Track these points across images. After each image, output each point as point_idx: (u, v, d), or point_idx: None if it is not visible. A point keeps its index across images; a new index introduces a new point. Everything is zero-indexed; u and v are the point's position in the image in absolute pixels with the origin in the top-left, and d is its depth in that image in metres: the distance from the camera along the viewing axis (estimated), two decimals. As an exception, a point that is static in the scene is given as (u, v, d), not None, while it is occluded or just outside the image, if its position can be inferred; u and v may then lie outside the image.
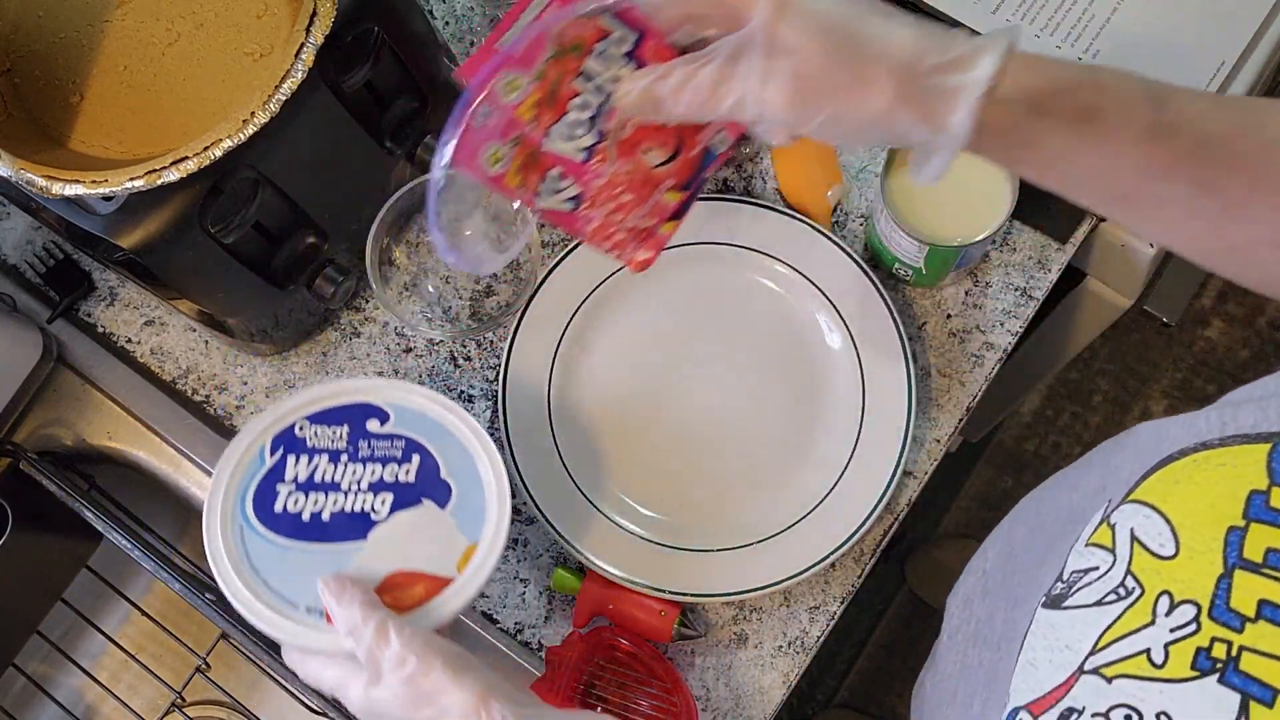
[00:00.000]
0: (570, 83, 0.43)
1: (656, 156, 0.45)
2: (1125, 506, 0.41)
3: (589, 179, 0.44)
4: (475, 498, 0.61)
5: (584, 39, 0.42)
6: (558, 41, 0.42)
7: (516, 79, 0.41)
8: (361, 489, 0.61)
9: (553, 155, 0.43)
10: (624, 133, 0.44)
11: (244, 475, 0.61)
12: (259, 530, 0.60)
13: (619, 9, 0.42)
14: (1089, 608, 0.39)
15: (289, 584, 0.59)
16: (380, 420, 0.63)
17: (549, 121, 0.43)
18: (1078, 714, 0.37)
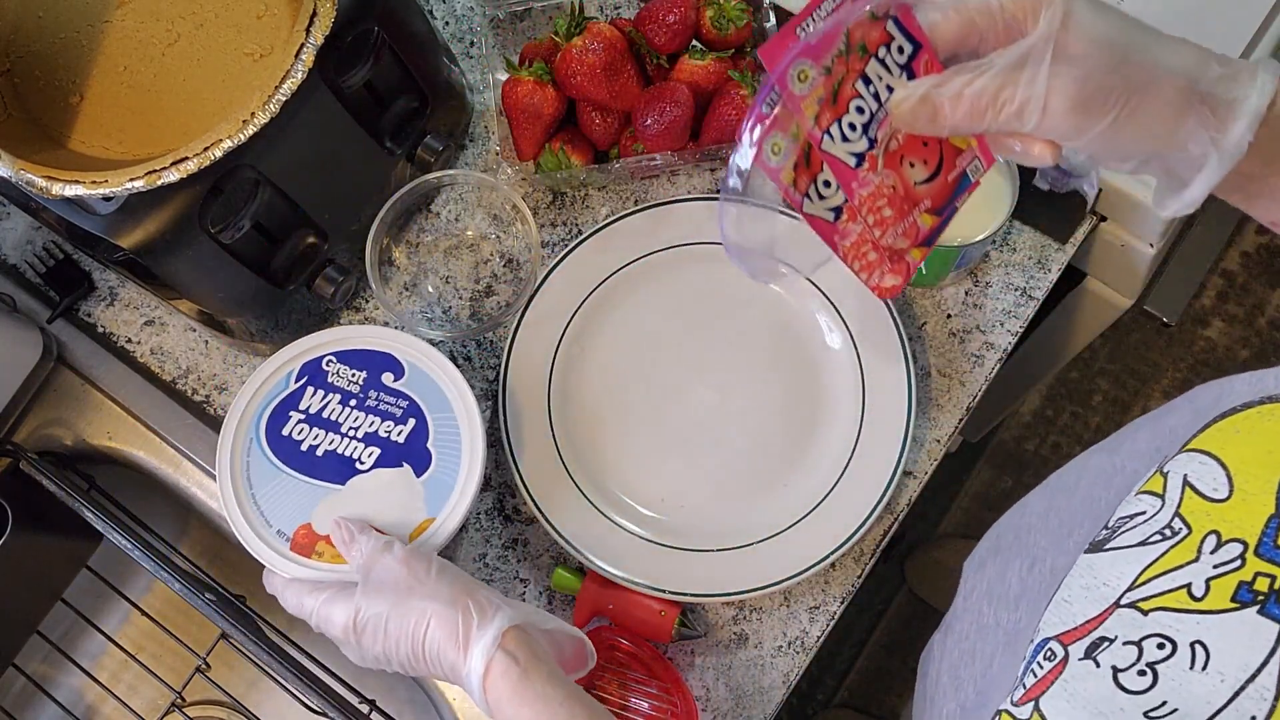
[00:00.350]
0: (852, 84, 0.43)
1: (919, 173, 0.45)
2: (1180, 456, 0.41)
3: (856, 186, 0.44)
4: (449, 474, 0.67)
5: (870, 41, 0.43)
6: (848, 38, 0.42)
7: (807, 69, 0.42)
8: (357, 437, 0.67)
9: (826, 156, 0.44)
10: (893, 143, 0.44)
11: (267, 394, 0.68)
12: (264, 448, 0.67)
13: (903, 16, 0.43)
14: (1131, 548, 0.40)
15: (271, 504, 0.66)
16: (395, 375, 0.69)
17: (829, 120, 0.43)
18: (1108, 642, 0.37)
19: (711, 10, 0.73)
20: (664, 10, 0.72)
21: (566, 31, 0.72)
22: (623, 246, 0.77)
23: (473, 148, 0.82)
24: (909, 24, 0.43)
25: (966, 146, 0.46)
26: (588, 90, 0.72)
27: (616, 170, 0.76)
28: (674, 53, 0.74)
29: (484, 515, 0.75)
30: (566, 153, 0.75)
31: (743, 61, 0.74)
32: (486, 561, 0.74)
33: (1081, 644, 0.39)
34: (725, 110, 0.72)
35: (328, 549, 0.66)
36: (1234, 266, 1.65)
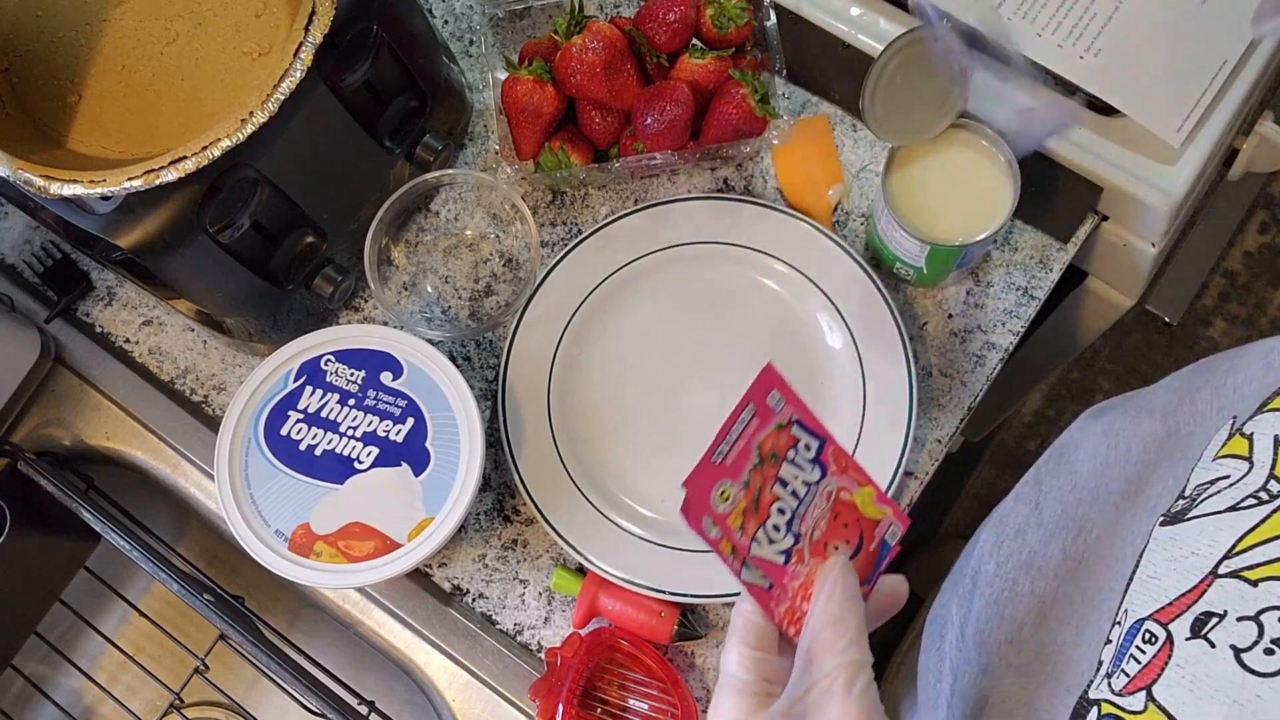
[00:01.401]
0: (770, 488, 0.46)
1: (845, 553, 0.48)
2: (1265, 415, 0.40)
3: (787, 580, 0.46)
4: (447, 474, 0.67)
5: (779, 448, 0.46)
6: (759, 451, 0.46)
7: (727, 488, 0.45)
8: (355, 436, 0.67)
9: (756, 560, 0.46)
10: (816, 533, 0.47)
11: (266, 393, 0.68)
12: (262, 447, 0.67)
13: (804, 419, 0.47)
14: (1220, 514, 0.38)
15: (269, 504, 0.66)
16: (394, 374, 0.69)
17: (754, 528, 0.46)
18: (1218, 618, 0.35)
19: (712, 9, 0.72)
20: (664, 9, 0.72)
21: (566, 30, 0.72)
22: (623, 246, 0.76)
23: (472, 147, 0.82)
24: (811, 424, 0.47)
25: (882, 515, 0.48)
26: (587, 89, 0.72)
27: (616, 170, 0.76)
28: (674, 51, 0.74)
29: (483, 515, 0.75)
30: (566, 152, 0.74)
31: (743, 60, 0.74)
32: (486, 562, 0.74)
33: (1183, 621, 0.36)
34: (725, 109, 0.72)
35: (326, 549, 0.66)
36: (1236, 266, 1.64)
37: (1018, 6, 0.72)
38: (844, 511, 0.47)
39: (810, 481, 0.47)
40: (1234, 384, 0.47)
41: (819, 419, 0.47)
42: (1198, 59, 0.71)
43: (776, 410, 0.46)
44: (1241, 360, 0.48)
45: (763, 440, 0.46)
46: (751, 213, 0.76)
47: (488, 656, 0.72)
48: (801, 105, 0.81)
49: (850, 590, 0.44)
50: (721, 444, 0.45)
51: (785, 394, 0.46)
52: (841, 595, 0.43)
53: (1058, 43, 0.71)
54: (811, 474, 0.47)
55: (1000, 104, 0.67)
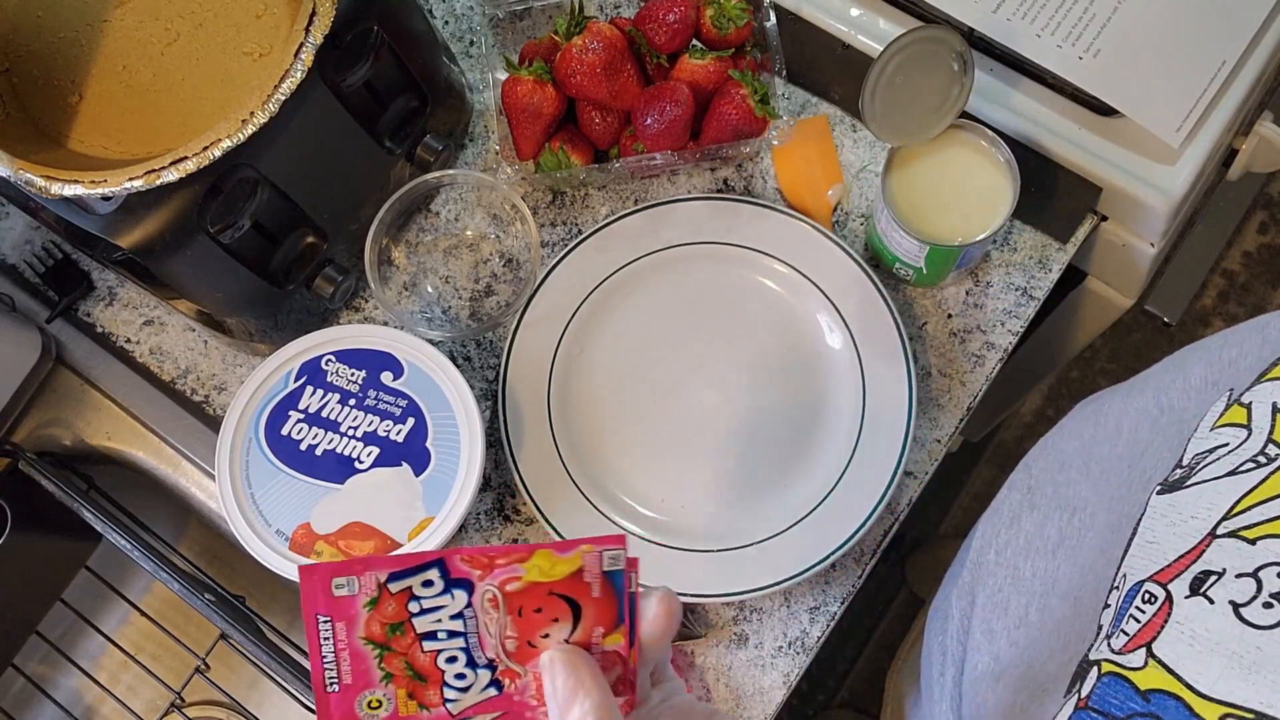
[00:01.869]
0: (420, 651, 0.40)
1: (563, 630, 0.40)
2: (1263, 385, 0.40)
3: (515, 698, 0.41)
4: (448, 473, 0.67)
5: (392, 615, 0.39)
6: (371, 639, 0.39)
7: (370, 696, 0.40)
8: (356, 436, 0.67)
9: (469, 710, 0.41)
10: (509, 643, 0.40)
11: (267, 393, 0.68)
12: (263, 447, 0.67)
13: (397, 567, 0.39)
14: (1218, 479, 0.39)
15: (270, 504, 0.66)
16: (394, 374, 0.69)
17: (437, 693, 0.40)
18: (1217, 576, 0.35)
19: (712, 9, 0.73)
20: (664, 9, 0.72)
21: (566, 31, 0.72)
22: (623, 246, 0.76)
23: (472, 147, 0.82)
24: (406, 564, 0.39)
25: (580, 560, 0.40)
26: (588, 89, 0.72)
27: (616, 170, 0.76)
28: (674, 52, 0.74)
29: (484, 515, 0.75)
30: (566, 152, 0.75)
31: (743, 61, 0.74)
32: (486, 562, 0.74)
33: (1182, 580, 0.37)
34: (725, 110, 0.72)
35: (326, 548, 0.66)
36: (1235, 266, 1.65)
37: (1017, 7, 0.72)
38: (526, 599, 0.40)
39: (458, 611, 0.40)
40: (1229, 358, 0.47)
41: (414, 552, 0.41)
42: (1197, 59, 0.71)
43: (354, 594, 0.39)
44: (1236, 335, 0.48)
45: (365, 629, 0.39)
46: (751, 213, 0.76)
47: (488, 656, 0.73)
48: (801, 106, 0.81)
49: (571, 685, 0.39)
50: (323, 674, 0.39)
51: (346, 570, 0.39)
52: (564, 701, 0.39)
53: (1057, 43, 0.71)
54: (455, 603, 0.40)
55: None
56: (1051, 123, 0.72)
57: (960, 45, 0.67)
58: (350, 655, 0.39)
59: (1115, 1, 0.72)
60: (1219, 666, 0.34)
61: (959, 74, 0.68)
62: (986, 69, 0.74)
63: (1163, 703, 0.34)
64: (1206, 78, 0.71)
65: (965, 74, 0.68)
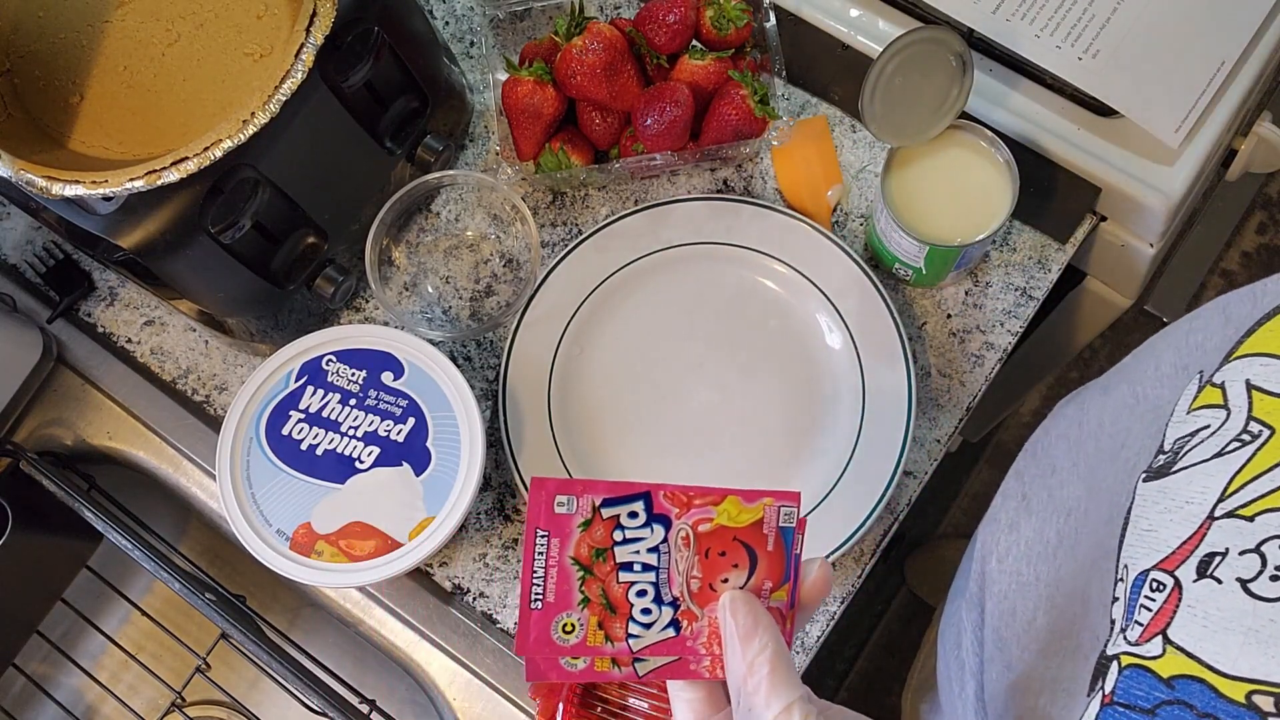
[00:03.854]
0: (615, 581, 0.42)
1: (740, 576, 0.43)
2: (1233, 364, 0.41)
3: (690, 643, 0.42)
4: (448, 473, 0.67)
5: (599, 540, 0.42)
6: (579, 560, 0.42)
7: (566, 619, 0.42)
8: (356, 436, 0.68)
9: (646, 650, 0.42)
10: (694, 583, 0.43)
11: (267, 393, 0.69)
12: (263, 447, 0.68)
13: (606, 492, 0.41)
14: (1206, 462, 0.39)
15: (271, 503, 0.67)
16: (395, 374, 0.69)
17: (622, 627, 0.42)
18: (1221, 556, 0.36)
19: (711, 10, 0.73)
20: (664, 10, 0.72)
21: (566, 31, 0.72)
22: (623, 246, 0.77)
23: (473, 148, 0.82)
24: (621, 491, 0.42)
25: (762, 511, 0.43)
26: (588, 90, 0.72)
27: (616, 170, 0.76)
28: (674, 53, 0.74)
29: (484, 515, 0.75)
30: (566, 153, 0.75)
31: (743, 61, 0.74)
32: (486, 561, 0.74)
33: (1188, 565, 0.37)
34: (725, 110, 0.72)
35: (327, 548, 0.66)
36: (1234, 266, 1.65)
37: (1016, 7, 0.73)
38: (714, 542, 0.42)
39: (655, 545, 0.42)
40: (1195, 342, 0.47)
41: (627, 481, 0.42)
42: (1196, 60, 0.71)
43: (572, 512, 0.41)
44: (1200, 319, 0.48)
45: (575, 550, 0.41)
46: (751, 213, 0.76)
47: (488, 655, 0.73)
48: (801, 106, 0.81)
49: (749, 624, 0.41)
50: (531, 589, 0.41)
51: (571, 489, 0.41)
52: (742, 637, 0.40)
53: (1056, 44, 0.72)
54: (653, 536, 0.42)
55: None
56: (1051, 123, 0.72)
57: (960, 46, 0.67)
58: (558, 573, 0.41)
59: (1115, 2, 0.72)
60: (1237, 644, 0.34)
61: (958, 74, 0.68)
62: (986, 69, 0.74)
63: (1188, 687, 0.34)
64: (1205, 78, 0.71)
65: (965, 74, 0.68)
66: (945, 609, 0.70)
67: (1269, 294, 0.43)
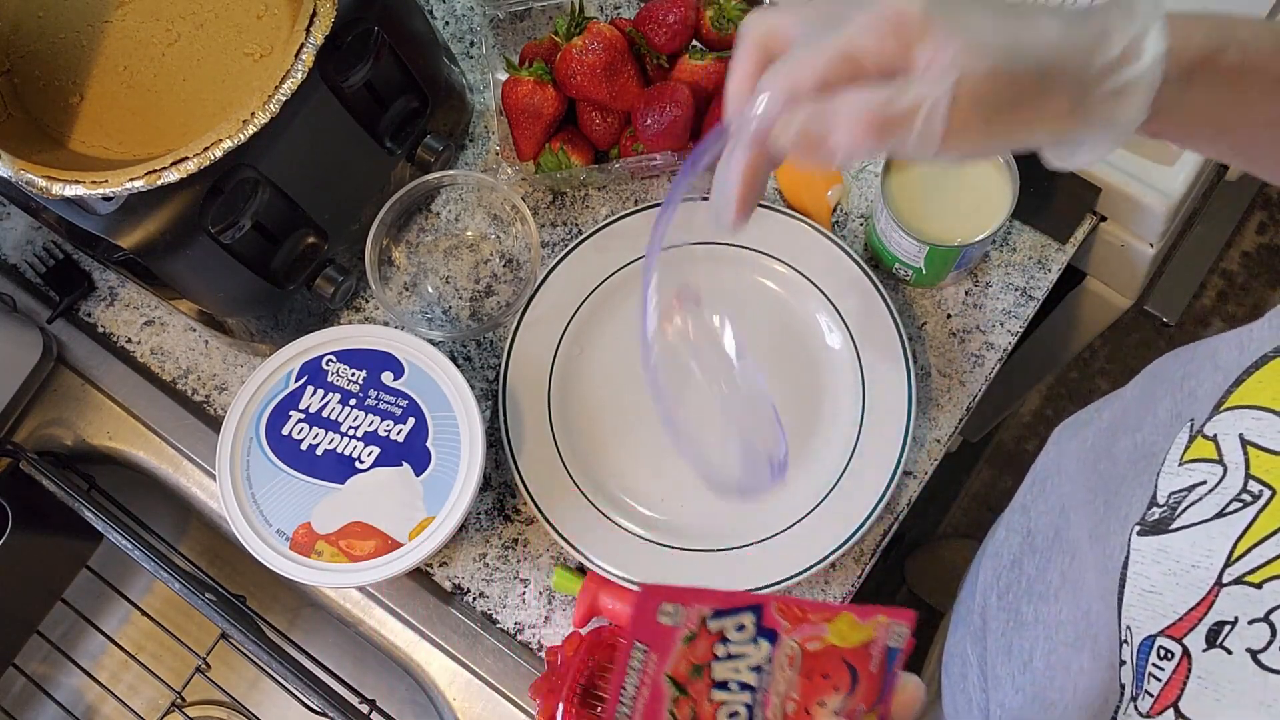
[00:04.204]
0: (707, 701, 0.38)
1: (838, 700, 0.39)
2: (1223, 416, 0.40)
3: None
4: (448, 473, 0.67)
5: (700, 657, 0.38)
6: (675, 678, 0.38)
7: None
8: (356, 436, 0.68)
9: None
10: (790, 705, 0.39)
11: (267, 393, 0.69)
12: (263, 447, 0.68)
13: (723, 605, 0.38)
14: (1207, 522, 0.38)
15: (271, 503, 0.67)
16: (395, 374, 0.69)
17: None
18: (1230, 626, 0.35)
19: (711, 10, 0.73)
20: (664, 10, 0.72)
21: (566, 31, 0.72)
22: (623, 246, 0.77)
23: (473, 148, 0.82)
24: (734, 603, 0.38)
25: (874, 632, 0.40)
26: (588, 90, 0.72)
27: (616, 170, 0.76)
28: (674, 53, 0.74)
29: (484, 515, 0.75)
30: (566, 153, 0.75)
31: (743, 61, 0.74)
32: (487, 561, 0.74)
33: (1197, 634, 0.36)
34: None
35: (327, 548, 0.66)
36: (1234, 267, 1.65)
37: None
38: (819, 662, 0.39)
39: (759, 664, 0.39)
40: (1188, 389, 0.46)
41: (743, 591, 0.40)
42: (1195, 60, 0.71)
43: (677, 625, 0.38)
44: (1193, 365, 0.47)
45: (673, 667, 0.38)
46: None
47: (488, 655, 0.73)
48: (801, 106, 0.81)
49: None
50: (619, 706, 0.37)
51: (679, 598, 0.38)
52: None
53: (1056, 44, 0.71)
54: (759, 653, 0.39)
55: None
56: (1051, 123, 0.72)
57: (959, 46, 0.67)
58: (651, 692, 0.38)
59: None
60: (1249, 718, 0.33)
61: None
62: (986, 70, 0.74)
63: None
64: (1205, 78, 0.71)
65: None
66: (949, 637, 0.70)
67: (1255, 341, 0.42)
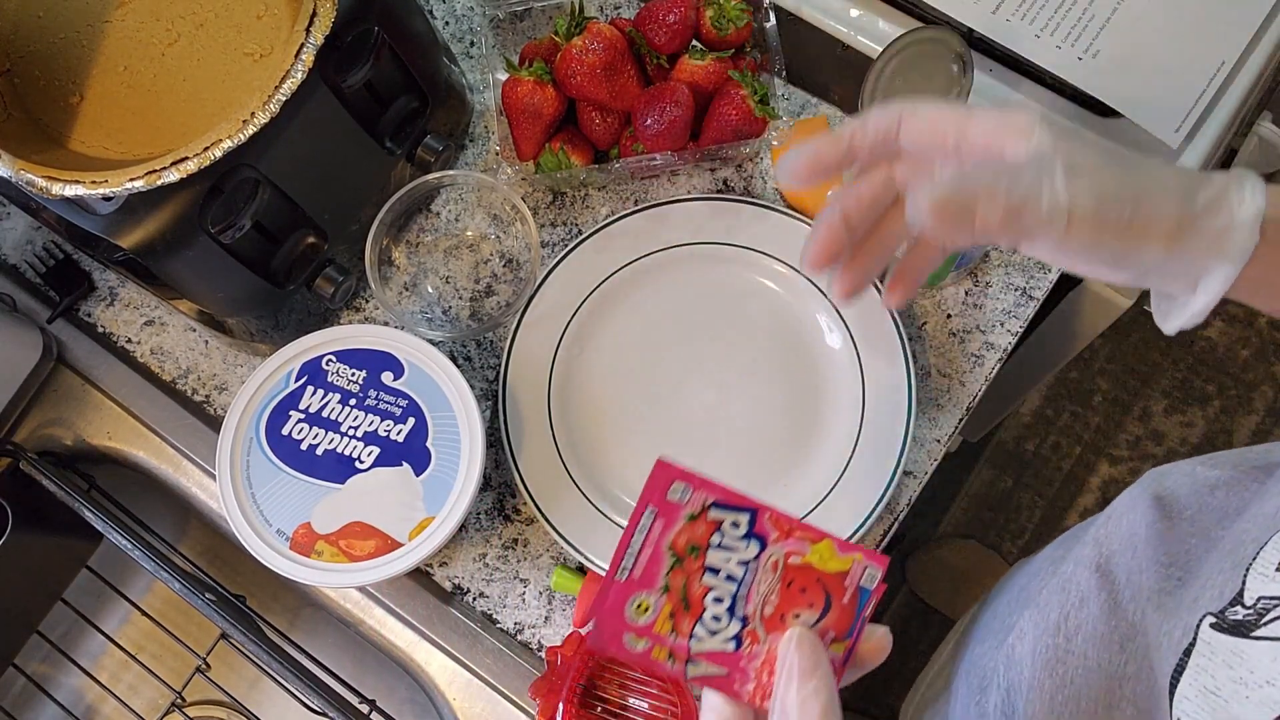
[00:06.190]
0: (699, 581, 0.43)
1: (810, 617, 0.44)
2: None
3: (744, 664, 0.44)
4: (448, 473, 0.67)
5: (699, 538, 0.43)
6: (674, 549, 0.43)
7: (644, 599, 0.42)
8: (356, 436, 0.68)
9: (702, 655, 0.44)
10: (768, 608, 0.43)
11: (267, 393, 0.69)
12: (263, 447, 0.68)
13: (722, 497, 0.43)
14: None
15: (271, 503, 0.67)
16: (395, 374, 0.69)
17: (689, 625, 0.43)
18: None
19: (711, 10, 0.73)
20: (664, 10, 0.72)
21: (566, 31, 0.72)
22: (623, 246, 0.77)
23: (473, 148, 0.82)
24: (734, 500, 0.43)
25: (850, 564, 0.44)
26: (588, 90, 0.72)
27: (616, 170, 0.76)
28: (674, 53, 0.74)
29: (484, 515, 0.75)
30: (566, 153, 0.75)
31: (743, 61, 0.74)
32: (486, 561, 0.74)
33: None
34: (725, 110, 0.72)
35: (327, 548, 0.66)
36: (1234, 266, 1.64)
37: (1016, 7, 0.73)
38: (798, 576, 0.43)
39: (747, 560, 0.43)
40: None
41: (743, 493, 0.43)
42: (1196, 60, 0.71)
43: (683, 502, 0.43)
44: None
45: (674, 539, 0.43)
46: (751, 213, 0.76)
47: (488, 655, 0.73)
48: (801, 106, 0.81)
49: (810, 664, 0.41)
50: (623, 559, 0.42)
51: (691, 481, 0.43)
52: (801, 673, 0.40)
53: (1056, 44, 0.72)
54: (747, 551, 0.43)
55: None
56: (1051, 123, 0.72)
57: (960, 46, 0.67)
58: (652, 554, 0.42)
59: (1115, 2, 0.72)
60: None
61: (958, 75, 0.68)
62: (986, 69, 0.74)
63: None
64: (1205, 78, 0.71)
65: (965, 75, 0.68)
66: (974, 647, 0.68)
67: None
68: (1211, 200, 0.41)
